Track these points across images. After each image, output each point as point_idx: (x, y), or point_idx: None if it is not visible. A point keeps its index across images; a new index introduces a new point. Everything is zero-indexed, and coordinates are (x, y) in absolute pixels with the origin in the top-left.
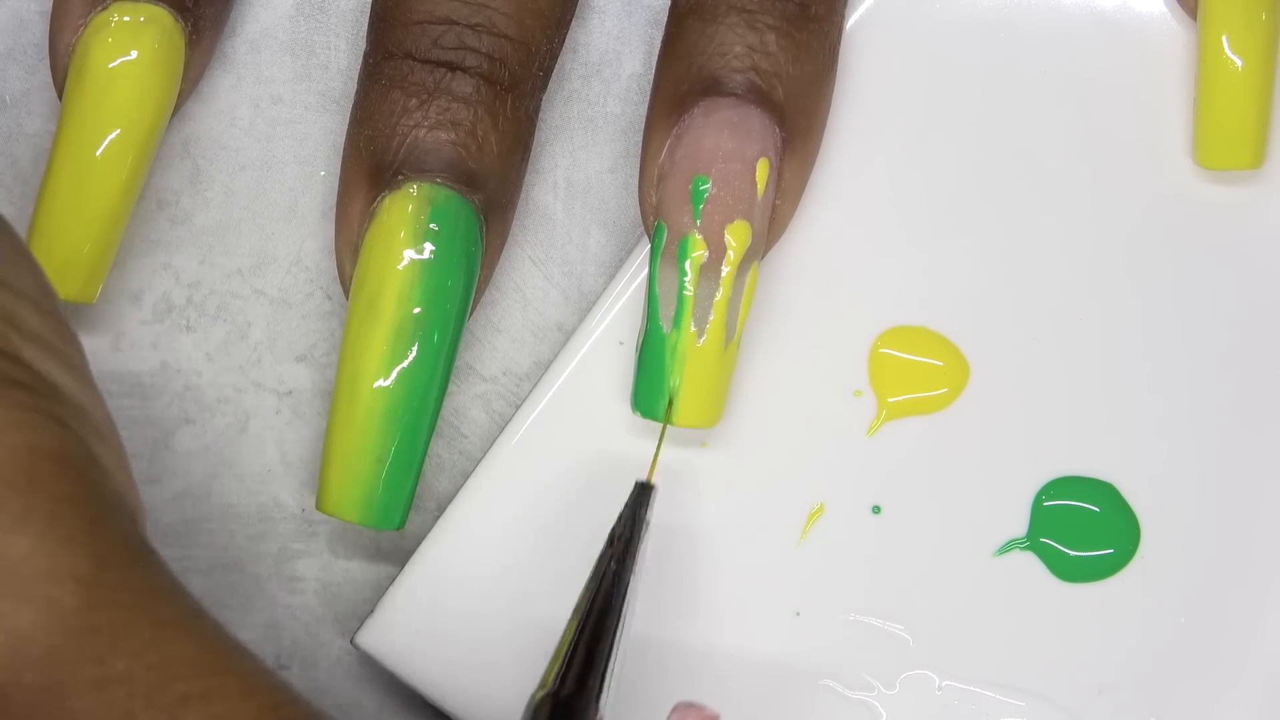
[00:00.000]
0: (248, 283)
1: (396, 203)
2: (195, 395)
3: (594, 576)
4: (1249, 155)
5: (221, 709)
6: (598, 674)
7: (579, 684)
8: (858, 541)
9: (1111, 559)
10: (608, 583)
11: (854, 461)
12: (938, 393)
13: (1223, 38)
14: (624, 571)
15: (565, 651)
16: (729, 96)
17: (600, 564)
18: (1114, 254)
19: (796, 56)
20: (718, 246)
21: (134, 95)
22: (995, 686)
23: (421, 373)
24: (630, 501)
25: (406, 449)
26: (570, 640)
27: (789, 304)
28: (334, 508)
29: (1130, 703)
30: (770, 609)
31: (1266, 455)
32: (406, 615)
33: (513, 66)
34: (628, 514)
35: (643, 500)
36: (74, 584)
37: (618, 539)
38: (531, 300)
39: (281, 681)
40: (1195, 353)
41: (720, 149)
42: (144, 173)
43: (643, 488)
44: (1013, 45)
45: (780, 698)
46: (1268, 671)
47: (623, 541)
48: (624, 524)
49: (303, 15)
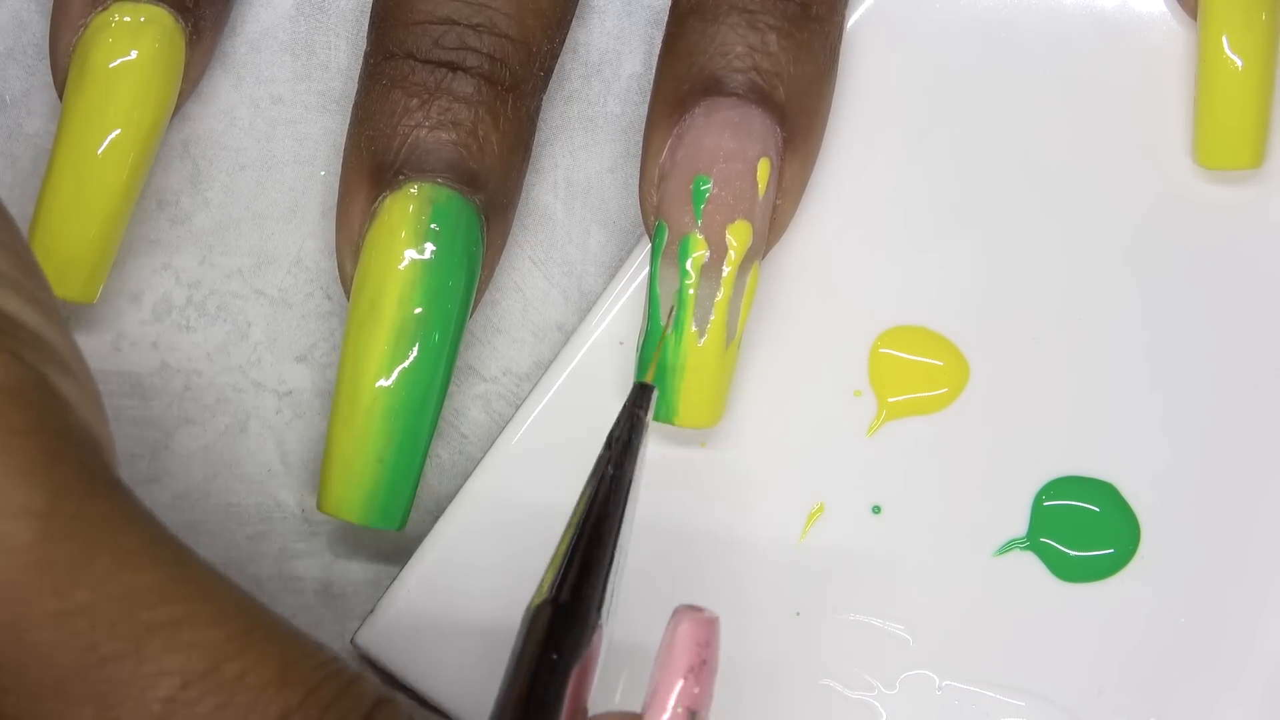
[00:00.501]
0: (248, 283)
1: (397, 203)
2: (195, 395)
3: (591, 480)
4: (1249, 155)
5: (190, 636)
6: (597, 581)
7: (576, 591)
8: (858, 541)
9: (1112, 559)
10: (605, 486)
11: (854, 461)
12: (938, 393)
13: (1223, 38)
14: (622, 475)
15: (562, 558)
16: (730, 96)
17: (597, 468)
18: (1114, 254)
19: (797, 56)
20: (719, 246)
21: (134, 95)
22: (995, 686)
23: (422, 373)
24: (628, 402)
25: (407, 449)
26: (568, 546)
27: (789, 304)
28: (335, 508)
29: (1130, 703)
30: (770, 609)
31: (1267, 455)
32: (406, 615)
33: (514, 66)
34: (625, 414)
35: (641, 401)
36: (29, 518)
37: (615, 441)
38: (531, 300)
39: (255, 605)
40: (1195, 352)
41: (721, 149)
42: (144, 173)
43: (641, 388)
44: (1012, 45)
45: (780, 697)
46: (1268, 672)
47: (620, 444)
48: (621, 425)
49: (303, 15)
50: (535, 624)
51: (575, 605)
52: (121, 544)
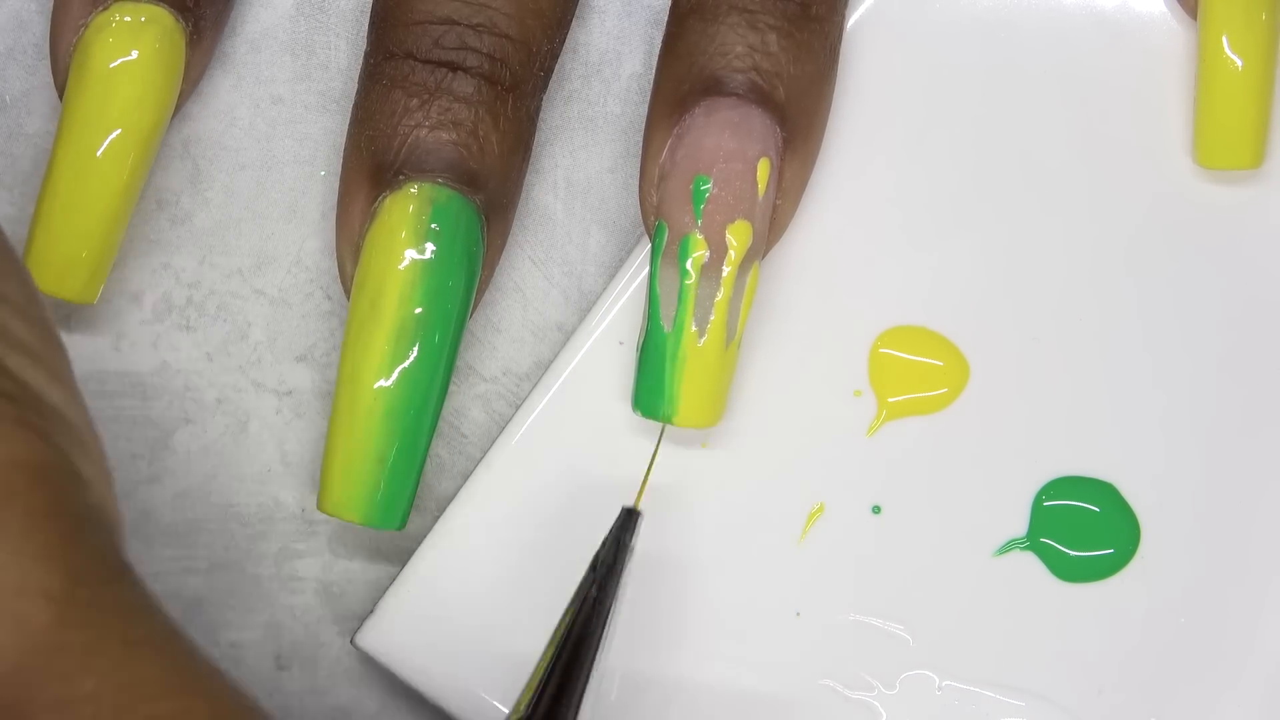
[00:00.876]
0: (248, 283)
1: (398, 203)
2: (195, 395)
3: (574, 601)
4: (1249, 155)
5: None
6: (571, 701)
7: (550, 713)
8: (858, 541)
9: (1111, 559)
10: (587, 609)
11: (854, 461)
12: (938, 393)
13: (1223, 37)
14: (604, 598)
15: (541, 677)
16: (730, 96)
17: (581, 589)
18: (1114, 254)
19: (798, 56)
20: (719, 246)
21: (135, 95)
22: (995, 686)
23: (423, 373)
24: (615, 527)
25: (408, 449)
26: (546, 666)
27: (789, 304)
28: (335, 508)
29: (1130, 703)
30: (770, 609)
31: (1266, 455)
32: (406, 615)
33: (514, 66)
34: (611, 540)
35: (628, 527)
36: (45, 601)
37: (600, 564)
38: (531, 300)
39: (251, 705)
40: (1195, 352)
41: (721, 149)
42: (145, 173)
43: (629, 514)
44: (1012, 45)
45: (780, 697)
46: (1268, 671)
47: (604, 567)
48: (607, 549)
49: (303, 15)
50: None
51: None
52: (131, 634)
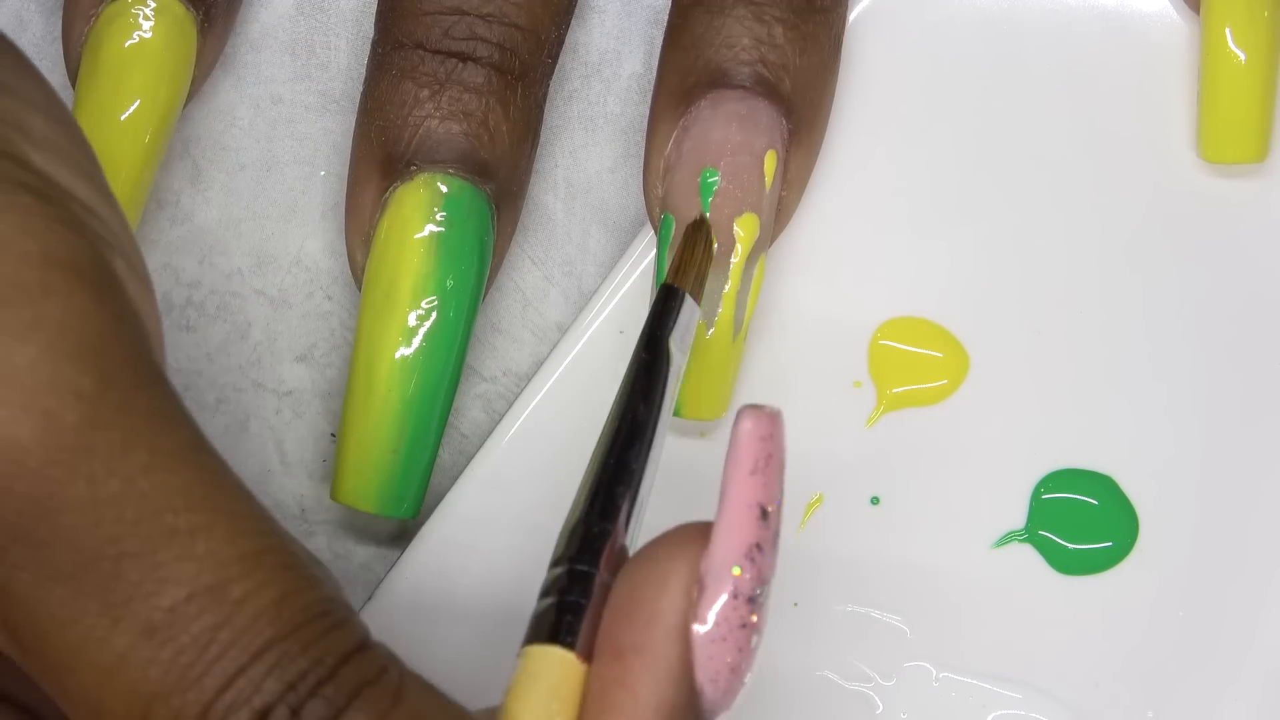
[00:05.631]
0: (248, 283)
1: (409, 193)
2: (195, 395)
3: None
4: (1253, 148)
5: (205, 548)
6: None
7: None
8: (856, 533)
9: (1110, 552)
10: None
11: (853, 452)
12: (937, 384)
13: (1226, 31)
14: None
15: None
16: (737, 89)
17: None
18: (1116, 247)
19: (803, 48)
20: (726, 239)
21: (147, 83)
22: (993, 678)
23: (436, 362)
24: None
25: (421, 439)
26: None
27: (789, 295)
28: (349, 498)
29: (1128, 696)
30: None
31: (1266, 449)
32: (404, 600)
33: (523, 55)
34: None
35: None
36: (75, 400)
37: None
38: (531, 300)
39: (271, 527)
40: (1196, 346)
41: (729, 141)
42: (158, 160)
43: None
44: (1016, 38)
45: (778, 688)
46: (1268, 666)
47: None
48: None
49: (303, 15)
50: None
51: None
52: (160, 442)
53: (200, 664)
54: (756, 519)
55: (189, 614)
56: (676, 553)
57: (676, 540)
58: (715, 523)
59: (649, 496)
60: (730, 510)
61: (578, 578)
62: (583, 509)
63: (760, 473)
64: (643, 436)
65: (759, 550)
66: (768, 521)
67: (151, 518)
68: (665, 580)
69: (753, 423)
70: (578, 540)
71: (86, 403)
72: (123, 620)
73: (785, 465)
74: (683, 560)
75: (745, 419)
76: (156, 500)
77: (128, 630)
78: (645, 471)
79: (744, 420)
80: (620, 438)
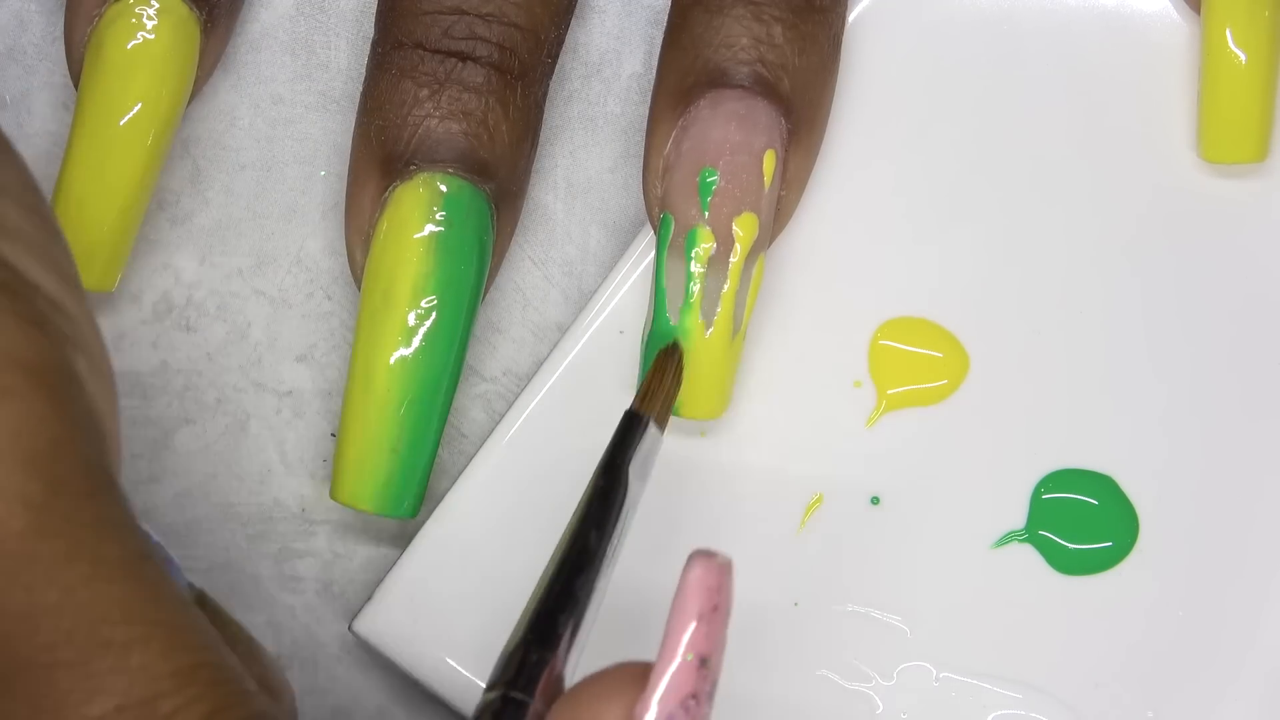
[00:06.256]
0: (248, 283)
1: (409, 193)
2: (195, 395)
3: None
4: (1253, 148)
5: (139, 661)
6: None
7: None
8: (856, 532)
9: (1110, 552)
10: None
11: (853, 452)
12: (937, 384)
13: (1226, 31)
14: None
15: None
16: (736, 89)
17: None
18: (1116, 247)
19: (802, 48)
20: (725, 239)
21: (151, 82)
22: (992, 679)
23: (435, 362)
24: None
25: (420, 438)
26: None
27: (789, 295)
28: (349, 497)
29: (1128, 696)
30: (768, 599)
31: (1266, 449)
32: (404, 601)
33: (522, 55)
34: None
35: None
36: (23, 508)
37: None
38: (531, 300)
39: (206, 639)
40: (1196, 346)
41: (728, 141)
42: (160, 161)
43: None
44: (1015, 38)
45: (777, 688)
46: (1268, 666)
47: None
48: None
49: (303, 15)
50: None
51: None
52: (103, 552)
53: None
54: (695, 668)
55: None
56: (612, 693)
57: (613, 680)
58: (654, 667)
59: (594, 623)
60: (669, 657)
61: (511, 704)
62: (523, 633)
63: (705, 622)
64: (591, 565)
65: (694, 700)
66: (707, 670)
67: (88, 628)
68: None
69: (702, 571)
70: (515, 665)
71: (34, 511)
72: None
73: (730, 615)
74: (618, 702)
75: (695, 566)
76: (94, 611)
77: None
78: (591, 599)
79: (694, 568)
80: (569, 564)
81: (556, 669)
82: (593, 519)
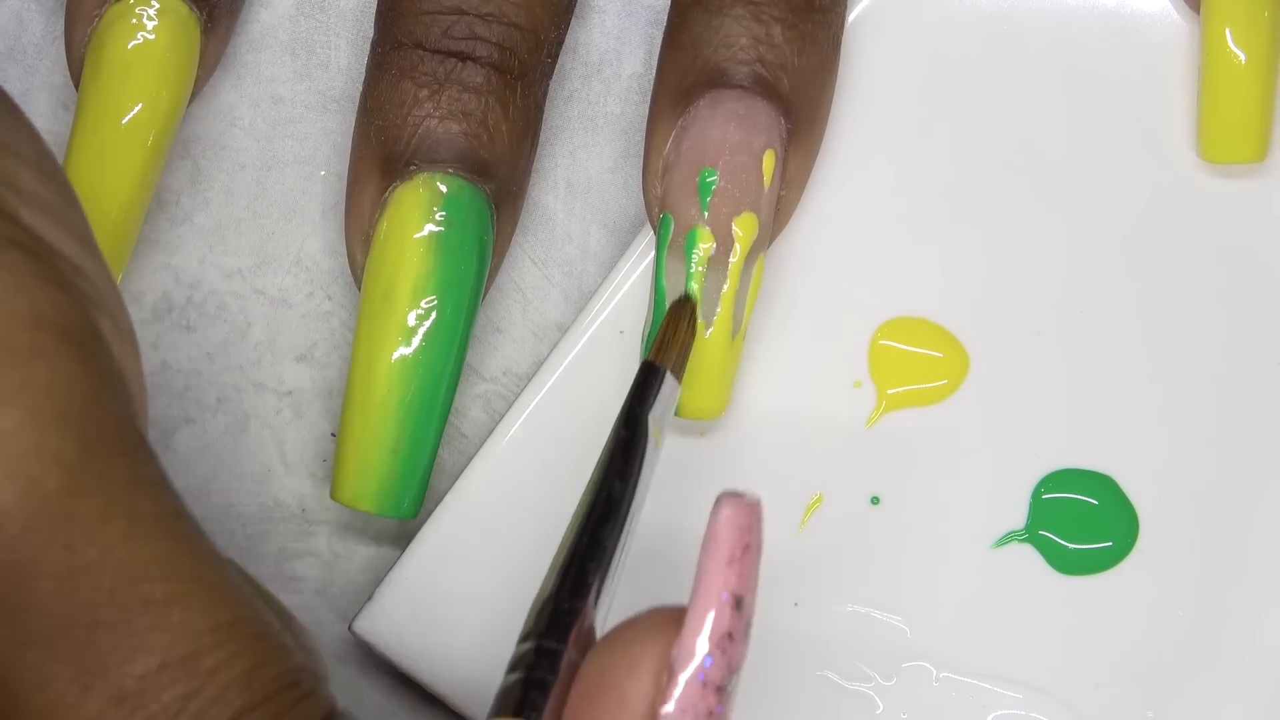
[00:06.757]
0: (248, 283)
1: (409, 193)
2: (195, 395)
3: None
4: (1253, 148)
5: (179, 618)
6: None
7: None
8: (856, 532)
9: (1110, 552)
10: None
11: (853, 452)
12: (937, 384)
13: (1226, 31)
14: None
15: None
16: (735, 89)
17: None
18: (1115, 247)
19: (802, 48)
20: (725, 239)
21: (151, 82)
22: (993, 678)
23: (436, 362)
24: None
25: (420, 438)
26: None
27: (789, 295)
28: (349, 498)
29: (1128, 696)
30: (768, 599)
31: (1267, 449)
32: (404, 602)
33: (522, 55)
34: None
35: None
36: (58, 466)
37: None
38: (531, 300)
39: (245, 597)
40: (1196, 346)
41: (727, 141)
42: (161, 161)
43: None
44: (1015, 38)
45: (777, 688)
46: (1268, 666)
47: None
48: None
49: (303, 15)
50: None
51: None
52: (140, 510)
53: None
54: (730, 608)
55: (160, 683)
56: (648, 636)
57: (649, 624)
58: (688, 609)
59: (621, 573)
60: (704, 598)
61: (545, 654)
62: (554, 584)
63: (737, 562)
64: (617, 513)
65: (730, 640)
66: (741, 611)
67: (128, 586)
68: (635, 664)
69: (732, 510)
70: (547, 616)
71: (69, 470)
72: (93, 687)
73: (761, 554)
74: (654, 645)
75: (725, 506)
76: (134, 569)
77: (98, 697)
78: (618, 549)
79: (724, 507)
80: (595, 514)
81: (588, 619)
82: (616, 469)
